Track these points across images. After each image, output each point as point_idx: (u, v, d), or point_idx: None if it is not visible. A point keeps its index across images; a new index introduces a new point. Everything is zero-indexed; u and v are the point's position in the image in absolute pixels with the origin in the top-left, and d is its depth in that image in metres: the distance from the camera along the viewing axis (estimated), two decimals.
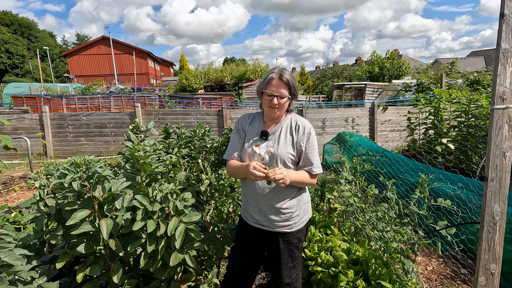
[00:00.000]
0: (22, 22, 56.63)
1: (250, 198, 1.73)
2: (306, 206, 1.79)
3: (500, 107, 1.56)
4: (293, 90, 1.64)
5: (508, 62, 1.54)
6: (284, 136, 1.67)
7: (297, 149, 1.66)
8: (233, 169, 1.72)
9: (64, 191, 1.53)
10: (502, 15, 1.53)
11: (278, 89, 1.60)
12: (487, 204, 1.63)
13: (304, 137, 1.66)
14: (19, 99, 14.57)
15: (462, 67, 16.19)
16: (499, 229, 1.64)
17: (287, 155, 1.63)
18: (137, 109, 8.89)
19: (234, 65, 20.61)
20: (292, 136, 1.67)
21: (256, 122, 1.77)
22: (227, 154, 1.78)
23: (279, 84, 1.60)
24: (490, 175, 1.61)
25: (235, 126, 1.84)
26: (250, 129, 1.75)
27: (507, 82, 1.55)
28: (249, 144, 1.70)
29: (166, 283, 1.74)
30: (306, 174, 1.66)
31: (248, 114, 1.84)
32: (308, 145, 1.66)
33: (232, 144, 1.79)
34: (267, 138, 1.67)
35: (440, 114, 5.57)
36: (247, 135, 1.74)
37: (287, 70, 1.65)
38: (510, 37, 1.53)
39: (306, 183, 1.67)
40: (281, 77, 1.60)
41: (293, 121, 1.72)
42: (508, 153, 1.59)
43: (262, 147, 1.66)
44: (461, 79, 13.48)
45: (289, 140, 1.66)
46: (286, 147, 1.65)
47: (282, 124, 1.71)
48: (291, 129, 1.69)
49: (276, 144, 1.65)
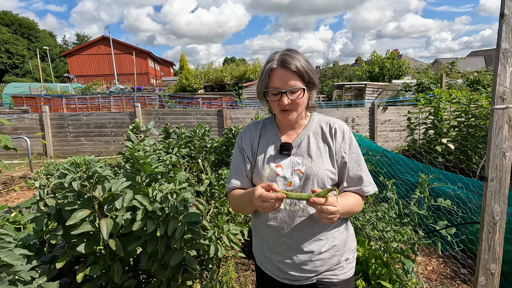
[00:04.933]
0: (22, 22, 56.62)
1: (271, 241, 1.23)
2: (353, 244, 1.33)
3: (500, 107, 1.56)
4: (307, 76, 1.14)
5: (508, 62, 1.54)
6: (315, 146, 1.21)
7: (338, 162, 1.20)
8: (236, 202, 1.25)
9: (64, 191, 1.53)
10: (502, 15, 1.53)
11: (285, 82, 1.13)
12: (487, 204, 1.63)
13: (345, 144, 1.21)
14: (19, 99, 14.57)
15: (462, 67, 16.19)
16: (499, 229, 1.64)
17: (325, 174, 1.16)
18: (137, 109, 8.89)
19: (234, 65, 20.61)
20: (328, 145, 1.21)
21: (269, 132, 1.29)
22: (227, 184, 1.31)
23: (285, 74, 1.12)
24: (490, 175, 1.61)
25: (236, 142, 1.34)
26: (262, 143, 1.27)
27: (507, 82, 1.55)
28: (264, 163, 1.21)
29: (166, 283, 1.74)
30: (356, 198, 1.20)
31: (254, 123, 1.35)
32: (352, 155, 1.21)
33: (234, 170, 1.29)
34: (289, 153, 1.20)
35: (440, 114, 5.57)
36: (258, 152, 1.25)
37: (292, 51, 1.16)
38: (510, 37, 1.53)
39: (355, 211, 1.22)
40: (285, 64, 1.12)
41: (324, 124, 1.26)
42: (508, 153, 1.59)
43: (286, 166, 1.19)
44: (461, 79, 13.49)
45: (324, 151, 1.20)
46: (323, 162, 1.18)
47: (307, 129, 1.25)
48: (323, 135, 1.24)
49: (307, 159, 1.19)
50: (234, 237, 2.05)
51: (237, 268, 2.79)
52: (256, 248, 1.36)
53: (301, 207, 1.17)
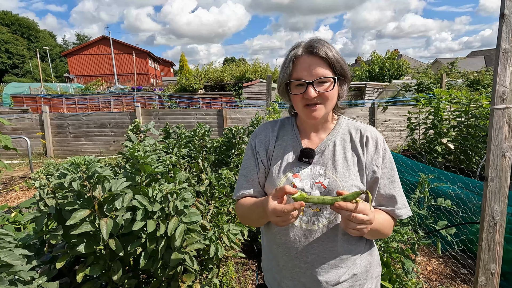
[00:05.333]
0: (22, 22, 56.64)
1: (282, 261, 1.06)
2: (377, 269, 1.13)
3: (500, 107, 1.56)
4: (339, 67, 0.97)
5: (508, 62, 1.54)
6: (342, 156, 1.02)
7: (367, 177, 1.01)
8: (245, 214, 1.08)
9: (64, 191, 1.53)
10: (502, 15, 1.53)
11: (312, 71, 0.95)
12: (487, 204, 1.63)
13: (378, 157, 1.02)
14: (19, 99, 14.57)
15: (462, 67, 16.20)
16: (499, 229, 1.64)
17: (353, 189, 0.97)
18: (137, 109, 8.89)
19: (234, 65, 20.61)
20: (357, 156, 1.02)
21: (288, 134, 1.11)
22: (235, 191, 1.13)
23: (312, 62, 0.95)
24: (490, 175, 1.61)
25: (249, 143, 1.15)
26: (278, 147, 1.09)
27: (507, 82, 1.55)
28: (280, 172, 1.04)
29: (166, 283, 1.74)
30: (388, 217, 1.04)
31: (271, 123, 1.16)
32: (385, 170, 1.02)
33: (244, 175, 1.11)
34: (310, 161, 1.02)
35: (440, 114, 5.57)
36: (273, 158, 1.08)
37: (320, 39, 0.99)
38: (510, 37, 1.53)
39: (385, 233, 1.02)
40: (313, 50, 0.95)
41: (354, 130, 1.06)
42: (508, 153, 1.59)
43: (305, 177, 1.01)
44: (461, 79, 13.49)
45: (352, 163, 1.01)
46: (350, 175, 0.99)
47: (333, 134, 1.06)
48: (353, 143, 1.04)
49: (331, 170, 1.00)
50: (234, 237, 2.05)
51: (237, 268, 2.79)
52: (265, 265, 1.17)
53: (320, 227, 0.99)
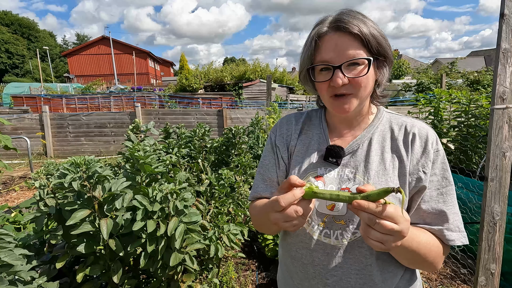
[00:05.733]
0: (22, 22, 56.66)
1: (297, 279, 0.90)
2: None
3: (500, 107, 1.56)
4: (376, 44, 0.76)
5: (508, 62, 1.54)
6: (378, 157, 0.82)
7: (410, 186, 0.79)
8: (256, 217, 0.90)
9: (64, 191, 1.53)
10: (502, 15, 1.53)
11: (340, 52, 0.75)
12: (487, 204, 1.63)
13: (426, 160, 0.79)
14: (19, 99, 14.58)
15: (462, 67, 16.21)
16: (499, 229, 1.64)
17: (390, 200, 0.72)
18: (137, 109, 8.89)
19: (234, 65, 20.64)
20: (399, 158, 0.80)
21: (314, 128, 0.93)
22: (251, 191, 0.98)
23: (340, 40, 0.75)
24: (490, 175, 1.61)
25: (269, 137, 0.99)
26: (301, 143, 0.91)
27: (507, 82, 1.55)
28: (300, 173, 0.87)
29: (166, 283, 1.74)
30: (433, 239, 0.77)
31: (295, 115, 0.99)
32: (434, 178, 0.79)
33: (261, 173, 0.96)
34: (338, 162, 0.83)
35: (440, 114, 5.57)
36: (294, 155, 0.90)
37: (352, 10, 0.79)
38: (510, 37, 1.53)
39: (426, 259, 0.75)
40: (341, 25, 0.75)
41: (397, 125, 0.85)
42: (508, 153, 1.59)
43: (330, 181, 0.83)
44: (461, 79, 13.51)
45: (391, 166, 0.80)
46: (387, 182, 0.79)
47: (370, 130, 0.85)
48: (394, 142, 0.83)
49: (363, 175, 0.81)
50: (234, 237, 2.05)
51: (237, 268, 2.79)
52: (280, 279, 1.01)
53: (344, 244, 0.79)
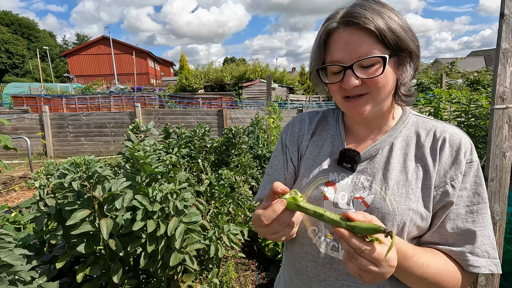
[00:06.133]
0: (22, 22, 56.68)
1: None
2: None
3: (500, 107, 1.56)
4: (393, 38, 0.66)
5: (508, 62, 1.54)
6: (400, 165, 0.73)
7: (435, 200, 0.70)
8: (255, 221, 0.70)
9: (64, 191, 1.53)
10: (502, 15, 1.53)
11: (351, 50, 0.67)
12: None
13: (456, 171, 0.69)
14: (19, 99, 14.58)
15: (462, 67, 16.22)
16: (499, 229, 1.64)
17: (408, 216, 0.68)
18: (137, 109, 8.89)
19: (234, 65, 20.65)
20: (424, 167, 0.71)
21: (329, 129, 0.85)
22: (258, 192, 0.91)
23: (351, 37, 0.67)
24: (490, 175, 1.61)
25: (280, 136, 0.92)
26: (313, 144, 0.84)
27: (507, 82, 1.55)
28: (310, 177, 0.79)
29: (166, 283, 1.74)
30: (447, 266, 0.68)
31: (310, 114, 0.91)
32: (464, 193, 0.69)
33: (270, 174, 0.89)
34: (354, 168, 0.75)
35: (440, 114, 5.57)
36: (305, 157, 0.84)
37: (367, 1, 0.69)
38: (510, 37, 1.53)
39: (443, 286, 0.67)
40: (353, 20, 0.66)
41: (424, 130, 0.75)
42: (508, 153, 1.59)
43: (342, 188, 0.75)
44: (461, 79, 13.51)
45: (414, 177, 0.71)
46: (407, 194, 0.69)
47: (393, 134, 0.77)
48: (420, 149, 0.73)
49: (381, 184, 0.72)
50: (234, 237, 2.05)
51: (237, 268, 2.79)
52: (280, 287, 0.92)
53: None
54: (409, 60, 0.71)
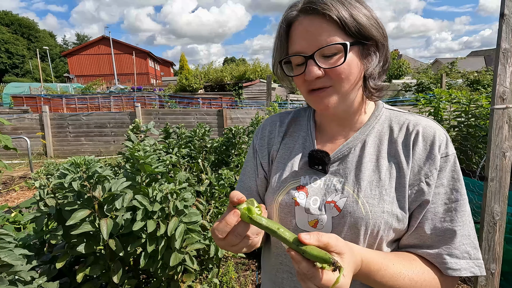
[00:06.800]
0: (22, 22, 56.70)
1: None
2: None
3: (500, 107, 1.56)
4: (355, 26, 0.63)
5: (508, 62, 1.54)
6: (373, 164, 0.69)
7: (409, 198, 0.66)
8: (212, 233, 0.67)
9: (64, 191, 1.53)
10: (502, 15, 1.53)
11: (312, 39, 0.64)
12: (487, 204, 1.63)
13: (431, 166, 0.65)
14: (19, 99, 14.59)
15: (462, 67, 16.22)
16: (499, 229, 1.64)
17: (383, 220, 0.64)
18: (137, 109, 8.90)
19: (234, 65, 20.65)
20: (397, 164, 0.68)
21: (301, 129, 0.82)
22: None
23: (311, 24, 0.64)
24: (490, 175, 1.61)
25: (252, 140, 0.88)
26: (284, 147, 0.80)
27: (507, 82, 1.55)
28: (280, 181, 0.75)
29: (166, 283, 1.74)
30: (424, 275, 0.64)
31: (281, 115, 0.87)
32: (441, 190, 0.65)
33: (242, 180, 0.85)
34: (326, 169, 0.71)
35: (440, 114, 5.57)
36: (276, 161, 0.79)
37: None
38: (510, 37, 1.53)
39: None
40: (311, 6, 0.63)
41: (397, 124, 0.72)
42: (508, 153, 1.59)
43: (314, 192, 0.71)
44: (461, 79, 13.52)
45: (387, 176, 0.67)
46: (381, 196, 0.66)
47: (365, 131, 0.73)
48: (392, 145, 0.70)
49: (353, 186, 0.68)
50: None
51: (237, 268, 2.79)
52: None
53: None
54: (375, 50, 0.68)
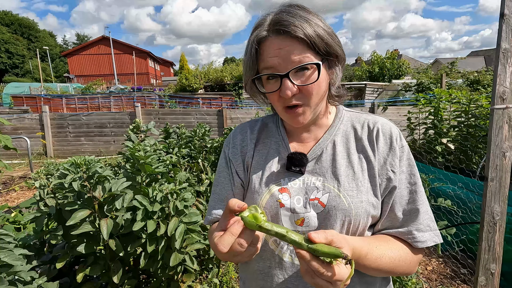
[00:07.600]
0: (22, 22, 56.68)
1: None
2: None
3: (500, 107, 1.56)
4: (323, 44, 0.68)
5: (508, 62, 1.54)
6: (345, 160, 0.76)
7: (381, 187, 0.74)
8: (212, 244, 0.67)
9: (64, 191, 1.53)
10: (502, 15, 1.53)
11: (284, 58, 0.68)
12: (487, 204, 1.63)
13: (393, 157, 0.75)
14: (19, 99, 14.58)
15: (462, 67, 16.22)
16: (499, 229, 1.64)
17: (363, 209, 0.71)
18: (137, 109, 8.90)
19: (234, 65, 20.62)
20: (366, 158, 0.76)
21: (271, 136, 0.85)
22: (207, 214, 0.86)
23: (283, 44, 0.68)
24: (490, 175, 1.61)
25: (223, 151, 0.90)
26: (259, 154, 0.83)
27: (507, 82, 1.55)
28: (261, 185, 0.78)
29: (166, 283, 1.74)
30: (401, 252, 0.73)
31: (250, 123, 0.90)
32: (402, 176, 0.75)
33: (217, 193, 0.85)
34: (302, 170, 0.76)
35: (440, 114, 5.57)
36: (252, 168, 0.82)
37: (293, 7, 0.70)
38: (510, 37, 1.53)
39: (397, 273, 0.73)
40: (282, 28, 0.67)
41: (359, 124, 0.81)
42: (508, 153, 1.59)
43: (296, 192, 0.75)
44: (461, 79, 13.52)
45: (360, 169, 0.75)
46: (358, 188, 0.73)
47: (332, 132, 0.80)
48: (359, 142, 0.78)
49: (333, 182, 0.74)
50: None
51: (237, 268, 2.79)
52: None
53: None
54: (337, 63, 0.75)
